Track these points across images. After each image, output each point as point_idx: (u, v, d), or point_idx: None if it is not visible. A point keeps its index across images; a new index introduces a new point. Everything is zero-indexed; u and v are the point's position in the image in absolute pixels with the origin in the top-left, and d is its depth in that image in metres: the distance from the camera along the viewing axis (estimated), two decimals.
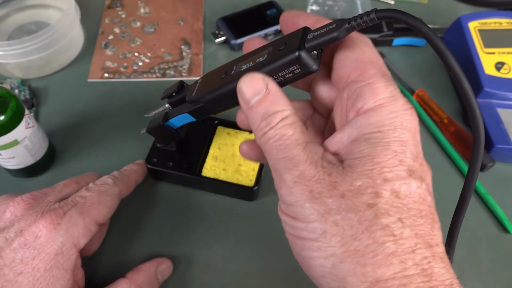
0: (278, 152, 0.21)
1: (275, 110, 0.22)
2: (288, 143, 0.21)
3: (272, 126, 0.22)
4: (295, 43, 0.22)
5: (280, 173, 0.21)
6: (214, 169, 0.39)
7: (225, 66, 0.27)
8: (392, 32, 0.52)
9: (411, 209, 0.20)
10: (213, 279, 0.36)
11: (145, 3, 0.57)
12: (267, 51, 0.24)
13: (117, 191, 0.34)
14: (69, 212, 0.30)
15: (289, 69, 0.23)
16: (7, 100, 0.35)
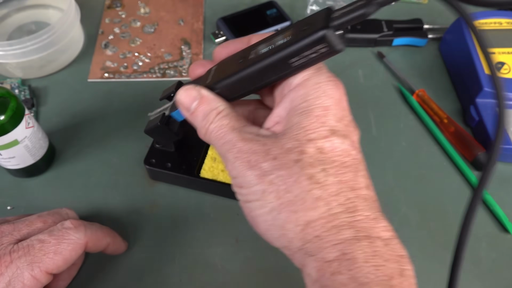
0: (219, 140, 0.25)
1: (211, 108, 0.26)
2: (226, 130, 0.25)
3: (211, 121, 0.25)
4: (320, 22, 0.22)
5: (225, 156, 0.25)
6: (213, 170, 0.39)
7: (242, 52, 0.27)
8: (392, 32, 0.52)
9: (335, 161, 0.23)
10: (213, 279, 0.36)
11: (145, 3, 0.57)
12: (289, 32, 0.24)
13: (82, 241, 0.32)
14: (16, 261, 0.29)
15: (314, 49, 0.23)
16: (7, 100, 0.35)
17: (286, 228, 0.23)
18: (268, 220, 0.24)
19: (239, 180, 0.24)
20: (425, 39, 0.52)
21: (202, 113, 0.26)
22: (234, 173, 0.24)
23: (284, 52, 0.23)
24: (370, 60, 0.52)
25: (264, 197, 0.23)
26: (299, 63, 0.24)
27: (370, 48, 0.53)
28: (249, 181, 0.23)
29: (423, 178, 0.42)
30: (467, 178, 0.42)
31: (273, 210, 0.23)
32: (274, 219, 0.23)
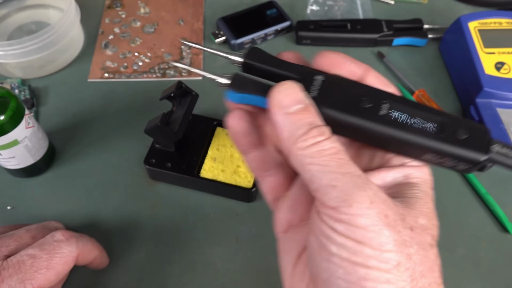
0: (340, 166, 0.19)
1: (323, 124, 0.20)
2: (348, 159, 0.20)
3: (327, 137, 0.20)
4: (483, 145, 0.21)
5: (346, 189, 0.19)
6: (213, 170, 0.39)
7: (364, 89, 0.22)
8: (392, 32, 0.52)
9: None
10: (213, 279, 0.36)
11: (145, 3, 0.57)
12: (437, 122, 0.21)
13: (74, 254, 0.31)
14: (7, 280, 0.28)
15: (454, 162, 0.21)
16: (7, 100, 0.35)
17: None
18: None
19: (366, 234, 0.18)
20: (425, 39, 0.52)
21: (308, 121, 0.20)
22: (362, 222, 0.18)
23: (428, 142, 0.21)
24: (370, 60, 0.52)
25: (397, 272, 0.18)
26: (429, 159, 0.22)
27: (370, 48, 0.53)
28: (384, 243, 0.18)
29: None
30: (467, 178, 0.42)
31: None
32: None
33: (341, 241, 0.19)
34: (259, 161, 0.25)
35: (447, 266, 0.39)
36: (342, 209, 0.19)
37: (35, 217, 0.39)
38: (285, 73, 0.24)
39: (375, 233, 0.18)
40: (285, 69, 0.24)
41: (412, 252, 0.19)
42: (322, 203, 0.19)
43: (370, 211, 0.18)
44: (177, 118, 0.37)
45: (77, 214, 0.39)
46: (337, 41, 0.52)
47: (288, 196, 0.24)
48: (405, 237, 0.19)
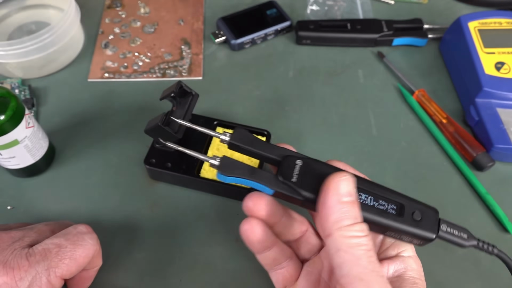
0: (370, 263, 0.23)
1: (362, 221, 0.24)
2: (376, 258, 0.23)
3: (365, 234, 0.24)
4: (434, 226, 0.27)
5: (371, 281, 0.22)
6: (213, 170, 0.39)
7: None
8: (392, 32, 0.52)
9: None
10: (213, 279, 0.36)
11: (145, 3, 0.57)
12: (397, 205, 0.26)
13: (95, 248, 0.31)
14: (35, 266, 0.28)
15: (411, 238, 0.26)
16: (7, 100, 0.35)
17: None
18: None
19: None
20: (425, 39, 0.52)
21: (354, 215, 0.24)
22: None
23: (390, 222, 0.26)
24: (370, 60, 0.52)
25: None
26: (390, 234, 0.27)
27: (370, 48, 0.53)
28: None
29: (423, 178, 0.42)
30: (467, 178, 0.42)
31: None
32: None
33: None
34: (272, 258, 0.29)
35: (447, 266, 0.39)
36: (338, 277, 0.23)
37: (35, 217, 0.39)
38: (267, 155, 0.28)
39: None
40: (267, 151, 0.28)
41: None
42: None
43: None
44: (177, 118, 0.37)
45: (77, 214, 0.39)
46: (337, 41, 0.52)
47: (296, 286, 0.29)
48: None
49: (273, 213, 0.28)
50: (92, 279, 0.34)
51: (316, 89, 0.49)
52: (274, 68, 0.51)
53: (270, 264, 0.29)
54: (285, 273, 0.30)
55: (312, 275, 0.30)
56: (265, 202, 0.27)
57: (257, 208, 0.27)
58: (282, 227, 0.29)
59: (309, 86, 0.49)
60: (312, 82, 0.49)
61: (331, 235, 0.24)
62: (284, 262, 0.29)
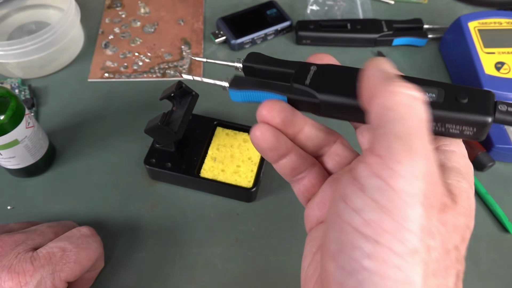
0: (418, 129, 0.17)
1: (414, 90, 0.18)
2: (427, 131, 0.17)
3: (420, 99, 0.17)
4: (488, 106, 0.20)
5: (408, 146, 0.16)
6: (213, 170, 0.39)
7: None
8: (392, 32, 0.52)
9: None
10: (213, 279, 0.36)
11: (145, 3, 0.57)
12: (436, 90, 0.21)
13: (99, 251, 0.32)
14: (40, 270, 0.28)
15: (462, 127, 0.20)
16: (7, 100, 0.35)
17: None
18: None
19: (396, 200, 0.16)
20: (425, 39, 0.52)
21: (399, 80, 0.18)
22: (401, 185, 0.16)
23: (431, 112, 0.20)
24: None
25: (411, 260, 0.16)
26: (433, 129, 0.21)
27: (370, 48, 0.53)
28: (408, 217, 0.16)
29: None
30: None
31: (411, 284, 0.16)
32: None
33: (360, 204, 0.16)
34: (289, 167, 0.24)
35: None
36: (390, 161, 0.16)
37: (35, 217, 0.39)
38: (282, 70, 0.24)
39: (405, 203, 0.16)
40: (282, 66, 0.24)
41: (432, 245, 0.16)
42: (372, 150, 0.17)
43: (416, 181, 0.16)
44: (177, 118, 0.37)
45: (77, 214, 0.39)
46: (337, 41, 0.52)
47: (318, 194, 0.24)
48: (432, 228, 0.16)
49: (291, 120, 0.23)
50: (93, 280, 0.34)
51: None
52: None
53: (289, 173, 0.24)
54: (306, 182, 0.24)
55: (337, 181, 0.24)
56: (280, 108, 0.23)
57: (271, 115, 0.23)
58: (305, 138, 0.24)
59: None
60: None
61: (375, 95, 0.18)
62: (305, 172, 0.24)
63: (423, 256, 0.16)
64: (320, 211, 0.24)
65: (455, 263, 0.18)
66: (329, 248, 0.17)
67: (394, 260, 0.15)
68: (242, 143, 0.41)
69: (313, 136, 0.24)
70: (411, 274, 0.15)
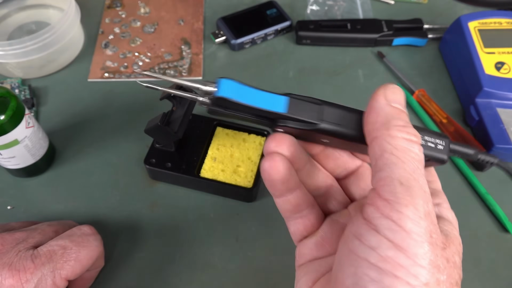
0: (415, 172, 0.19)
1: (407, 123, 0.21)
2: (424, 177, 0.19)
3: (418, 142, 0.20)
4: (448, 149, 0.26)
5: (413, 191, 0.18)
6: (213, 170, 0.39)
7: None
8: (392, 32, 0.52)
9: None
10: (213, 279, 0.36)
11: (145, 3, 0.57)
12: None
13: (100, 249, 0.32)
14: (41, 268, 0.28)
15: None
16: (7, 99, 0.35)
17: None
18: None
19: (407, 240, 0.18)
20: (425, 39, 0.52)
21: (401, 116, 0.20)
22: (410, 226, 0.18)
23: None
24: (370, 60, 0.52)
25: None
26: None
27: (370, 48, 0.53)
28: (419, 254, 0.18)
29: None
30: (467, 178, 0.42)
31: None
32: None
33: (375, 243, 0.18)
34: (293, 204, 0.25)
35: None
36: (396, 205, 0.18)
37: (35, 217, 0.39)
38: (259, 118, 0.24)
39: (415, 242, 0.18)
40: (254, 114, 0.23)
41: (441, 279, 0.18)
42: (378, 194, 0.19)
43: (421, 221, 0.18)
44: (177, 118, 0.37)
45: (77, 214, 0.39)
46: (337, 41, 0.52)
47: (317, 234, 0.25)
48: (439, 263, 0.18)
49: (297, 156, 0.24)
50: (93, 279, 0.34)
51: (316, 89, 0.49)
52: (274, 68, 0.51)
53: (291, 210, 0.25)
54: (306, 222, 0.25)
55: (337, 224, 0.25)
56: (290, 142, 0.23)
57: (280, 148, 0.23)
58: (306, 175, 0.25)
59: (309, 86, 0.49)
60: (312, 82, 0.49)
61: (377, 137, 0.20)
62: (306, 210, 0.25)
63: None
64: (317, 250, 0.24)
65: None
66: (344, 282, 0.19)
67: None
68: (242, 143, 0.41)
69: (313, 174, 0.26)
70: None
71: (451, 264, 0.19)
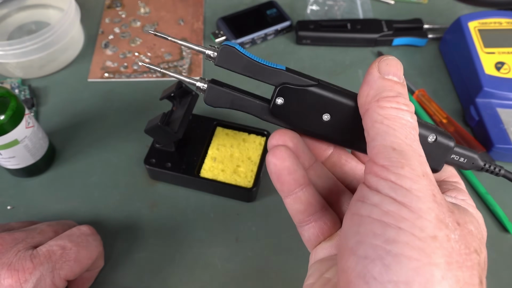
0: (407, 137, 0.19)
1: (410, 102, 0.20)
2: (417, 139, 0.19)
3: (410, 111, 0.19)
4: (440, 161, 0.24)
5: (406, 154, 0.18)
6: (213, 170, 0.39)
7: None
8: (392, 32, 0.52)
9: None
10: (213, 279, 0.36)
11: (145, 3, 0.57)
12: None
13: (99, 249, 0.32)
14: (39, 267, 0.28)
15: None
16: (7, 99, 0.35)
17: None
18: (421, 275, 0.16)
19: (408, 196, 0.17)
20: (425, 39, 0.52)
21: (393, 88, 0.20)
22: (409, 184, 0.17)
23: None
24: (370, 60, 0.52)
25: (433, 244, 0.16)
26: None
27: (370, 48, 0.53)
28: (425, 209, 0.17)
29: None
30: (467, 178, 0.42)
31: (436, 266, 0.16)
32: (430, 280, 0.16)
33: (377, 200, 0.17)
34: (304, 202, 0.23)
35: None
36: (392, 168, 0.18)
37: (35, 217, 0.39)
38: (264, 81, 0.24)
39: (418, 198, 0.17)
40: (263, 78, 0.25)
41: (452, 237, 0.17)
42: (374, 161, 0.18)
43: (419, 179, 0.17)
44: (177, 118, 0.37)
45: (77, 214, 0.39)
46: (337, 41, 0.52)
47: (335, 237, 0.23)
48: (448, 222, 0.17)
49: (301, 149, 0.23)
50: (93, 279, 0.34)
51: None
52: None
53: (303, 211, 0.23)
54: (322, 225, 0.23)
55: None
56: (292, 135, 0.23)
57: (282, 141, 0.23)
58: (315, 176, 0.24)
59: None
60: None
61: (368, 110, 0.20)
62: (320, 212, 0.23)
63: (444, 244, 0.17)
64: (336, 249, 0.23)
65: (477, 266, 0.18)
66: (347, 244, 0.18)
67: (417, 243, 0.16)
68: (242, 143, 0.41)
69: (323, 175, 0.24)
70: (434, 257, 0.16)
71: (463, 229, 0.18)
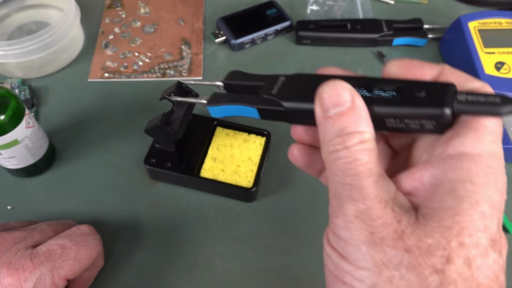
0: (345, 177, 0.19)
1: (355, 130, 0.19)
2: (360, 170, 0.18)
3: (347, 146, 0.19)
4: (445, 98, 0.19)
5: (341, 200, 0.19)
6: (213, 170, 0.39)
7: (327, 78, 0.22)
8: (392, 32, 0.52)
9: (481, 285, 0.17)
10: (213, 279, 0.36)
11: (145, 3, 0.57)
12: (394, 87, 0.21)
13: (99, 249, 0.32)
14: (39, 267, 0.28)
15: (420, 122, 0.20)
16: (8, 99, 0.35)
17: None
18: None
19: (346, 248, 0.18)
20: (425, 39, 0.52)
21: (340, 126, 0.19)
22: (343, 234, 0.18)
23: (384, 109, 0.20)
24: (370, 60, 0.52)
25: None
26: (393, 126, 0.21)
27: (370, 48, 0.53)
28: (360, 259, 0.18)
29: None
30: None
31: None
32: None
33: (329, 252, 0.20)
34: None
35: None
36: (332, 218, 0.19)
37: (35, 217, 0.39)
38: (258, 84, 0.25)
39: (353, 248, 0.18)
40: (257, 80, 0.25)
41: (395, 275, 0.17)
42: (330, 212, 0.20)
43: (352, 225, 0.18)
44: (177, 118, 0.37)
45: (77, 214, 0.39)
46: (337, 41, 0.52)
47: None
48: (391, 258, 0.17)
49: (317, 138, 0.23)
50: (93, 279, 0.34)
51: None
52: (274, 68, 0.51)
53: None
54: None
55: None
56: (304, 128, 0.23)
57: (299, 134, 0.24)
58: None
59: None
60: None
61: (324, 159, 0.20)
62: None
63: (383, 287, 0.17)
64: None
65: (440, 286, 0.16)
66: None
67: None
68: (242, 143, 0.41)
69: None
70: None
71: (416, 252, 0.17)
